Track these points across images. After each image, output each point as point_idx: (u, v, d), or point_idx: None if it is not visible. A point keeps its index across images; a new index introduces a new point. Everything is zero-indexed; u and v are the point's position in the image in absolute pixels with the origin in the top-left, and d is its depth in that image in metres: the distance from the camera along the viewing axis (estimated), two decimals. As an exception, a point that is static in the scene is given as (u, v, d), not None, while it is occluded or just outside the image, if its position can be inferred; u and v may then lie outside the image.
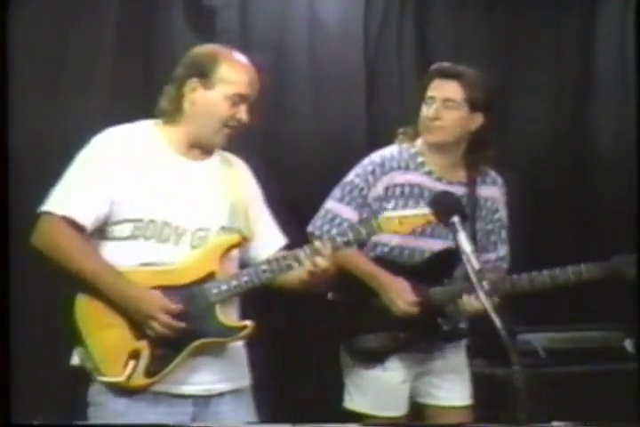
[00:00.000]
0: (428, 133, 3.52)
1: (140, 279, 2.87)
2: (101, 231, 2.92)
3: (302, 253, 2.92)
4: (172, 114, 2.99)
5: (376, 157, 3.55)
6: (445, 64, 3.55)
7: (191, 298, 2.88)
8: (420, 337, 3.49)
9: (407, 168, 3.53)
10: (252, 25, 4.51)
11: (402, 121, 3.68)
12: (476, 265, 2.77)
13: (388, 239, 3.50)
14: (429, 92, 3.50)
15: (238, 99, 2.96)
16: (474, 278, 2.74)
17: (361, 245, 3.51)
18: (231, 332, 2.91)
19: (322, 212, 3.55)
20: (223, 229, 2.97)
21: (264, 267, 2.93)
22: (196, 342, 2.88)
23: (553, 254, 4.74)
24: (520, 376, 2.66)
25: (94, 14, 4.15)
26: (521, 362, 2.67)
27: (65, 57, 4.11)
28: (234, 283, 2.90)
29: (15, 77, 3.35)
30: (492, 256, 3.62)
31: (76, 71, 4.13)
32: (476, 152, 3.56)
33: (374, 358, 3.50)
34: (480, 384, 3.73)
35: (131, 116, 4.15)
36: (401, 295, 3.44)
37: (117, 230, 2.90)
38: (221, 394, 2.95)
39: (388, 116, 4.58)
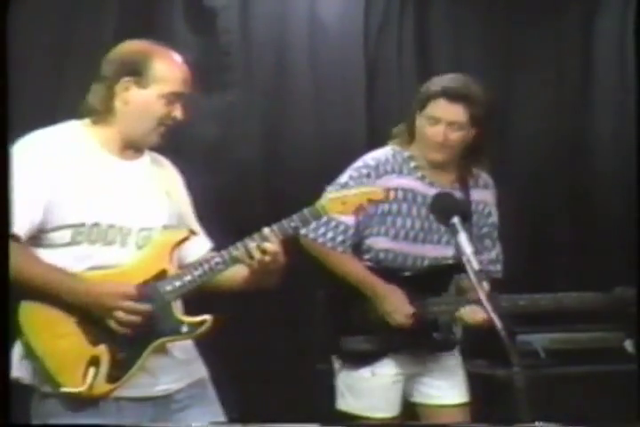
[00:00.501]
0: (431, 152, 3.51)
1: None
2: (36, 239, 2.79)
3: (251, 241, 2.84)
4: (103, 113, 2.90)
5: (370, 159, 3.53)
6: (452, 85, 3.44)
7: (146, 298, 2.79)
8: (411, 346, 3.49)
9: (401, 172, 3.52)
10: (252, 25, 4.52)
11: (402, 121, 3.68)
12: (476, 266, 2.77)
13: (382, 243, 3.50)
14: (434, 112, 3.45)
15: (173, 97, 2.88)
16: (474, 279, 2.74)
17: (355, 248, 3.52)
18: (191, 328, 2.83)
19: None
20: (165, 227, 2.92)
21: (216, 259, 2.86)
22: (157, 342, 2.81)
23: (552, 260, 4.75)
24: (520, 377, 2.66)
25: (94, 15, 4.15)
26: (521, 363, 2.66)
27: (65, 57, 4.11)
28: (187, 278, 2.84)
29: (15, 77, 3.34)
30: (484, 258, 3.62)
31: (76, 71, 4.12)
32: (469, 157, 3.56)
33: (364, 360, 3.49)
34: (480, 385, 3.73)
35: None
36: (398, 307, 3.44)
37: (56, 237, 2.79)
38: (181, 390, 2.91)
39: (388, 117, 4.58)
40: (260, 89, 4.56)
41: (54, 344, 2.75)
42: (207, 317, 2.84)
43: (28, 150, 2.82)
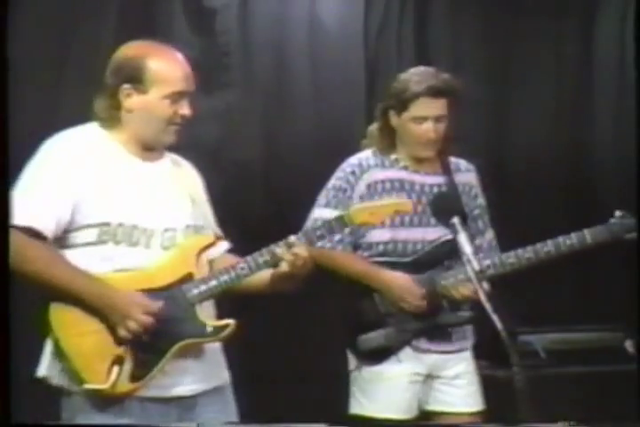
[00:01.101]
0: (422, 150, 3.53)
1: (116, 286, 2.81)
2: (62, 239, 2.83)
3: (278, 248, 2.88)
4: (109, 121, 2.93)
5: (352, 159, 3.57)
6: (432, 83, 3.45)
7: (171, 300, 2.84)
8: (426, 327, 3.48)
9: (384, 165, 3.55)
10: (252, 25, 4.51)
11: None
12: (477, 266, 2.77)
13: (380, 236, 3.50)
14: (420, 112, 3.45)
15: (177, 96, 2.89)
16: (474, 280, 2.74)
17: (355, 247, 3.52)
18: (214, 331, 2.87)
19: (309, 221, 3.53)
20: (188, 227, 2.94)
21: (242, 265, 2.89)
22: (180, 344, 2.84)
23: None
24: (521, 377, 2.66)
25: (94, 15, 4.15)
26: (521, 363, 2.66)
27: (65, 57, 4.11)
28: (213, 283, 2.87)
29: (15, 77, 3.34)
30: (481, 241, 3.62)
31: (76, 71, 4.12)
32: (444, 145, 3.56)
33: (380, 356, 3.49)
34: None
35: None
36: (408, 290, 3.44)
37: (81, 236, 2.82)
38: (205, 393, 2.93)
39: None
40: (260, 89, 4.56)
41: (80, 342, 2.80)
42: (230, 321, 2.88)
43: (54, 150, 2.87)
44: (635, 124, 4.09)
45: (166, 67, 2.90)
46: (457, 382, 3.56)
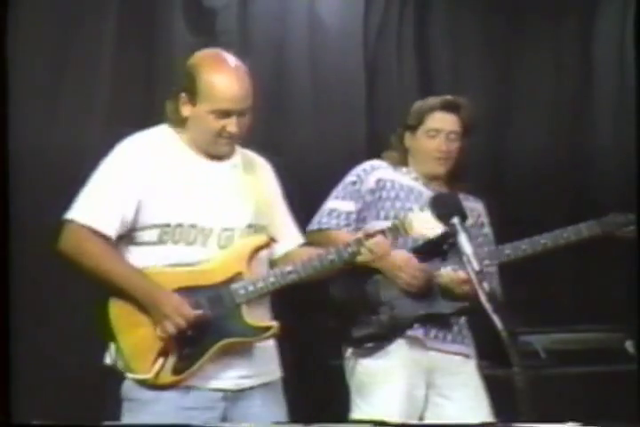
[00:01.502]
0: (433, 166, 3.62)
1: (168, 280, 2.91)
2: (128, 237, 2.95)
3: (349, 247, 3.00)
4: (177, 123, 3.02)
5: (365, 163, 3.67)
6: (448, 98, 3.64)
7: (218, 298, 2.92)
8: (420, 315, 3.47)
9: (395, 170, 3.65)
10: (252, 25, 4.51)
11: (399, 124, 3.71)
12: (476, 266, 2.77)
13: (378, 226, 3.50)
14: (434, 124, 3.61)
15: (222, 113, 2.94)
16: (474, 280, 2.74)
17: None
18: (256, 332, 2.94)
19: (322, 211, 3.61)
20: (249, 226, 3.00)
21: (289, 268, 2.98)
22: (222, 342, 2.92)
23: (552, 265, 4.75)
24: (521, 377, 2.66)
25: (94, 16, 4.15)
26: (522, 363, 2.66)
27: (65, 58, 4.11)
28: (260, 284, 2.95)
29: (15, 77, 3.35)
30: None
31: (77, 72, 4.12)
32: (456, 172, 3.65)
33: (374, 345, 3.48)
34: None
35: (131, 116, 4.19)
36: (404, 267, 3.44)
37: (145, 235, 2.94)
38: (251, 388, 2.99)
39: (388, 117, 4.58)
40: (260, 89, 4.55)
41: (131, 333, 2.92)
42: (274, 323, 2.96)
43: (122, 152, 2.97)
44: (635, 125, 4.10)
45: (218, 83, 2.94)
46: (454, 394, 3.53)
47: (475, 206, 3.68)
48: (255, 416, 2.98)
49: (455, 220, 2.82)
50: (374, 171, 3.61)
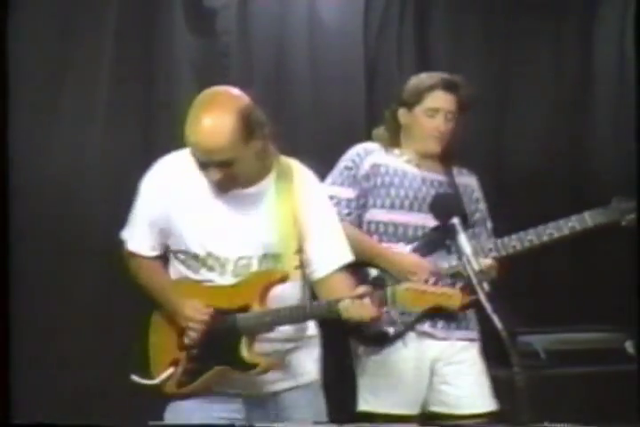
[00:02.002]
0: (430, 145, 3.62)
1: (195, 294, 2.99)
2: (167, 257, 3.09)
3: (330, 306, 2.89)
4: None
5: (358, 146, 3.68)
6: (447, 77, 3.64)
7: (224, 326, 2.94)
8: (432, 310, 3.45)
9: (388, 154, 3.65)
10: (252, 25, 4.51)
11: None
12: (476, 266, 2.77)
13: (378, 215, 3.55)
14: (433, 104, 3.60)
15: (201, 164, 2.89)
16: (474, 280, 2.74)
17: (357, 221, 3.56)
18: (246, 367, 2.94)
19: None
20: (265, 256, 2.98)
21: (299, 305, 2.96)
22: (218, 368, 2.96)
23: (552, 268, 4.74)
24: (521, 378, 2.66)
25: (94, 16, 4.14)
26: (522, 363, 2.67)
27: (65, 58, 4.11)
28: (267, 319, 2.93)
29: (16, 77, 3.35)
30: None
31: (77, 71, 4.12)
32: (447, 150, 3.66)
33: (384, 341, 3.47)
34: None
35: (131, 116, 4.19)
36: (417, 265, 3.46)
37: (175, 258, 3.06)
38: (275, 393, 3.03)
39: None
40: (260, 89, 4.55)
41: (153, 337, 3.06)
42: (261, 360, 2.93)
43: (146, 180, 3.02)
44: (635, 124, 4.09)
45: (194, 133, 2.83)
46: (457, 381, 3.54)
47: (469, 182, 3.70)
48: (283, 418, 3.02)
49: (455, 220, 2.83)
50: (368, 155, 3.60)
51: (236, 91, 2.95)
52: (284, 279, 2.94)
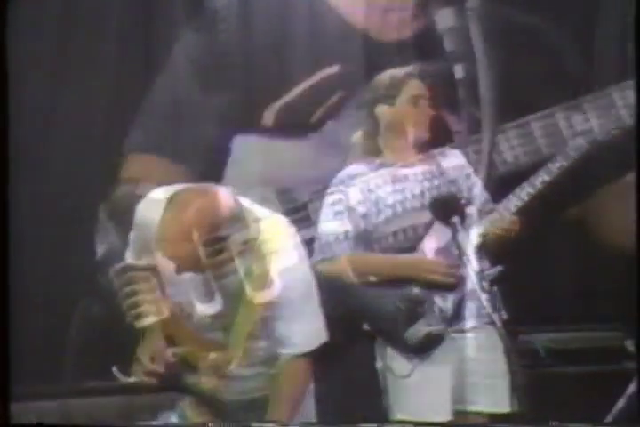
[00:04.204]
0: (420, 131, 3.56)
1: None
2: None
3: None
4: None
5: (338, 175, 3.60)
6: (417, 66, 3.66)
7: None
8: (459, 298, 3.35)
9: (370, 168, 3.56)
10: (252, 25, 4.51)
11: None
12: (476, 266, 2.77)
13: (387, 227, 3.50)
14: (415, 91, 3.57)
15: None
16: (474, 279, 2.74)
17: (367, 245, 3.50)
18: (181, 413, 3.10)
19: (319, 239, 3.53)
20: (216, 316, 3.05)
21: None
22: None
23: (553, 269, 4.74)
24: (521, 376, 2.66)
25: (95, 15, 4.15)
26: (521, 362, 2.67)
27: (65, 57, 4.12)
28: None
29: (16, 77, 3.35)
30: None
31: (77, 71, 4.13)
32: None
33: (430, 345, 3.40)
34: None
35: (131, 115, 4.20)
36: (436, 263, 3.38)
37: None
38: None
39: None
40: (260, 89, 4.56)
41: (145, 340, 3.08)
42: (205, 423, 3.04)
43: (139, 208, 3.01)
44: (635, 124, 4.10)
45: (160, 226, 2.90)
46: (486, 381, 3.46)
47: (455, 162, 3.64)
48: None
49: (455, 219, 2.83)
50: (352, 181, 3.53)
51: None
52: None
